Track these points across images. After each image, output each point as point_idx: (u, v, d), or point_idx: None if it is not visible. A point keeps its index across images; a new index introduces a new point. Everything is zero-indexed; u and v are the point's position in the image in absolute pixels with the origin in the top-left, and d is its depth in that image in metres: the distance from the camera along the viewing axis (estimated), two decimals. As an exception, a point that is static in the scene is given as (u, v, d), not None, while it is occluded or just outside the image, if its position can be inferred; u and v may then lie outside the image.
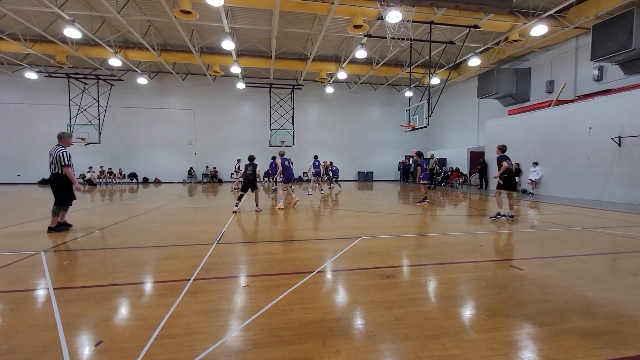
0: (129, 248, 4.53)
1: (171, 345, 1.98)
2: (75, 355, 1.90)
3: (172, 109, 22.05)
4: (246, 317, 2.35)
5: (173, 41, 16.38)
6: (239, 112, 22.87)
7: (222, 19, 12.22)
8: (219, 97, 22.36)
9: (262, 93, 22.05)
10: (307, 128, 23.57)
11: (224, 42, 14.01)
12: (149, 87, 21.22)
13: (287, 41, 16.16)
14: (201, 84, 21.97)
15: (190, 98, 22.10)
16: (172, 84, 21.67)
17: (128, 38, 15.82)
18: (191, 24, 14.08)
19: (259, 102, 22.62)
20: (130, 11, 12.52)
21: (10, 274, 3.37)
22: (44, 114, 20.27)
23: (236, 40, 15.18)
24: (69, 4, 11.83)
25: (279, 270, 3.49)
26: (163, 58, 16.76)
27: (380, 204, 10.20)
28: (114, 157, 21.13)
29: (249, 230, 5.85)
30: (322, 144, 24.02)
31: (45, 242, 4.76)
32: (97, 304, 2.64)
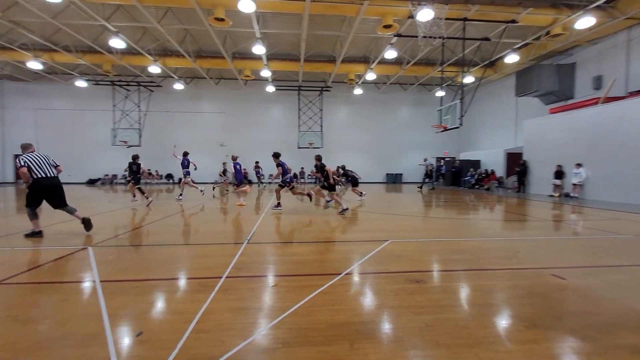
0: (165, 245, 4.77)
1: (205, 340, 2.07)
2: (118, 344, 2.04)
3: (205, 113, 23.00)
4: (275, 316, 2.40)
5: (207, 48, 17.09)
6: (268, 115, 23.40)
7: (254, 24, 12.58)
8: (249, 100, 23.00)
9: (291, 95, 22.39)
10: (335, 129, 23.61)
11: (255, 47, 14.40)
12: (184, 92, 22.30)
13: (315, 44, 16.31)
14: (233, 88, 22.73)
15: (222, 102, 22.94)
16: (205, 88, 22.62)
17: (166, 46, 16.72)
18: (224, 31, 14.62)
19: (287, 105, 23.00)
20: (168, 21, 13.24)
21: (62, 267, 3.68)
22: (91, 119, 21.93)
23: (266, 45, 15.55)
24: (115, 16, 12.74)
25: (307, 271, 3.52)
26: (198, 64, 17.54)
27: (409, 206, 9.97)
28: (152, 159, 22.37)
29: (278, 231, 5.95)
30: (350, 146, 23.96)
31: (92, 238, 5.15)
32: (137, 297, 2.81)
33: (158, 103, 22.26)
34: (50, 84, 21.83)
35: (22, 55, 16.40)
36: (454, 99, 13.99)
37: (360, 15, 11.73)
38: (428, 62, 18.59)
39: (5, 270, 3.52)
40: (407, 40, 15.12)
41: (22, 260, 3.91)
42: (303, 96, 21.95)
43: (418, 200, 12.06)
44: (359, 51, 17.52)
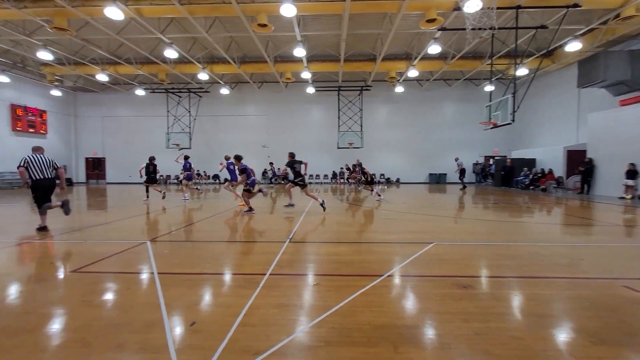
0: (213, 242, 5.06)
1: (251, 333, 2.16)
2: (174, 332, 2.20)
3: (249, 116, 23.96)
4: (317, 315, 2.43)
5: (251, 53, 17.78)
6: (309, 116, 23.74)
7: (294, 28, 12.85)
8: (290, 102, 23.52)
9: (331, 96, 22.48)
10: (376, 129, 23.26)
11: (295, 50, 14.70)
12: (230, 97, 23.44)
13: (355, 43, 16.21)
14: (274, 91, 23.40)
15: (264, 105, 23.73)
16: (249, 92, 23.57)
17: (214, 54, 17.69)
18: (267, 36, 15.10)
19: (327, 105, 23.14)
20: (216, 30, 14.01)
21: (125, 259, 4.07)
22: (148, 124, 23.94)
23: (307, 47, 15.78)
24: (169, 29, 13.78)
25: (348, 271, 3.51)
26: (242, 70, 18.33)
27: (454, 207, 9.50)
28: (201, 160, 23.80)
29: (319, 231, 6.01)
30: (391, 145, 23.45)
31: (150, 233, 5.62)
32: (189, 289, 3.02)
33: (206, 108, 23.65)
34: (114, 93, 24.21)
35: (92, 69, 18.39)
36: (505, 93, 13.06)
37: (401, 11, 11.43)
38: (475, 55, 17.57)
39: (80, 260, 3.97)
40: (452, 33, 14.42)
41: (93, 252, 4.38)
42: (343, 96, 21.93)
43: (463, 201, 11.44)
44: (400, 48, 17.09)
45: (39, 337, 2.19)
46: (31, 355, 1.95)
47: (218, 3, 11.35)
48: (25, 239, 5.26)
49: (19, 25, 13.77)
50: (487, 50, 15.98)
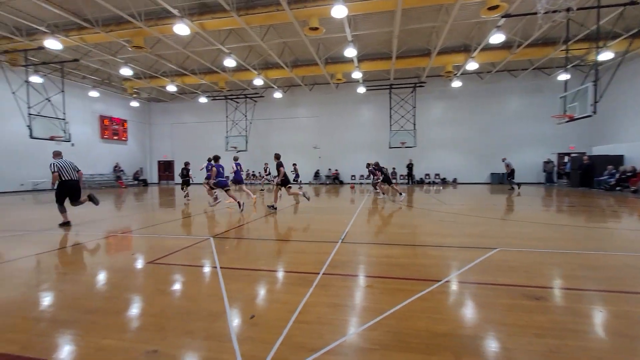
0: (268, 240, 5.28)
1: (306, 331, 2.21)
2: (235, 323, 2.35)
3: (301, 118, 24.57)
4: (371, 317, 2.39)
5: (303, 57, 18.23)
6: (359, 116, 23.56)
7: (345, 28, 12.86)
8: (341, 103, 23.59)
9: (382, 95, 22.04)
10: (430, 127, 22.23)
11: (346, 51, 14.70)
12: (282, 100, 24.31)
13: (408, 39, 15.68)
14: (325, 92, 23.68)
15: (315, 106, 24.14)
16: (300, 95, 24.18)
17: (268, 60, 18.50)
18: (318, 39, 15.35)
19: (378, 105, 22.74)
20: (270, 37, 14.64)
21: (192, 253, 4.44)
22: (210, 129, 25.87)
23: (357, 46, 15.69)
24: (227, 40, 14.75)
25: (403, 274, 3.41)
26: (294, 73, 18.88)
27: (521, 210, 8.65)
28: (256, 162, 25.04)
29: (372, 232, 5.93)
30: (447, 143, 22.21)
31: (213, 230, 6.07)
32: (248, 284, 3.19)
33: (261, 112, 24.83)
34: (181, 102, 26.64)
35: (163, 81, 20.47)
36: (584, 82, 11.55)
37: (459, 1, 10.76)
38: (546, 41, 15.81)
39: (155, 253, 4.44)
40: (518, 19, 13.17)
41: (164, 246, 4.86)
42: (395, 94, 21.33)
43: (532, 203, 10.36)
44: (457, 40, 16.11)
45: (124, 319, 2.49)
46: (120, 333, 2.23)
47: (272, 11, 11.85)
48: (111, 232, 6.04)
49: (106, 47, 15.87)
50: (561, 35, 14.31)
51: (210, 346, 2.04)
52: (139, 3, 11.89)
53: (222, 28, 13.27)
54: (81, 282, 3.36)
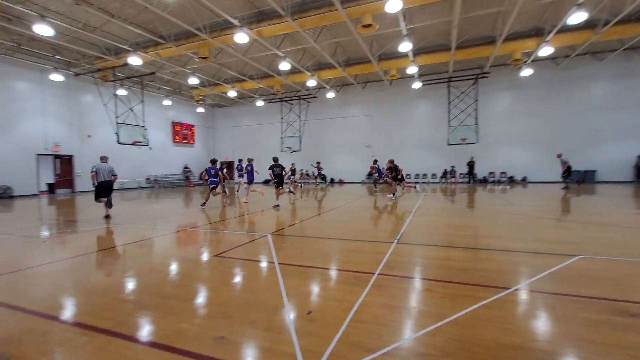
0: (322, 238, 5.35)
1: (363, 330, 2.20)
2: (293, 317, 2.43)
3: (353, 117, 24.45)
4: (431, 322, 2.29)
5: (355, 55, 18.12)
6: (414, 113, 22.65)
7: (400, 22, 12.46)
8: (395, 99, 22.92)
9: (439, 89, 20.89)
10: (494, 121, 20.47)
11: (401, 45, 14.24)
12: (335, 100, 24.44)
13: (469, 27, 14.62)
14: (378, 90, 23.23)
15: (368, 104, 23.81)
16: (353, 94, 24.06)
17: (320, 61, 18.76)
18: (371, 36, 15.11)
19: (435, 100, 21.61)
20: (322, 38, 14.82)
21: (252, 248, 4.71)
22: (266, 130, 27.09)
23: (413, 40, 15.07)
24: (283, 44, 15.30)
25: (466, 279, 3.20)
26: (347, 72, 18.85)
27: (608, 212, 7.51)
28: (309, 161, 25.57)
29: (429, 233, 5.67)
30: (515, 138, 20.22)
31: (270, 227, 6.35)
32: (304, 281, 3.28)
33: (314, 112, 25.28)
34: (240, 106, 28.35)
35: (225, 88, 21.99)
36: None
37: (529, -19, 9.71)
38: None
39: (219, 247, 4.79)
40: (604, -6, 11.44)
41: (228, 241, 5.23)
42: (454, 87, 20.04)
43: (621, 204, 8.91)
44: (528, 24, 14.56)
45: (195, 306, 2.74)
46: (192, 319, 2.46)
47: (325, 12, 11.97)
48: (181, 227, 6.67)
49: (176, 59, 17.56)
50: (662, 7, 12.12)
51: (271, 337, 2.15)
52: (204, 17, 12.92)
53: (277, 33, 13.78)
54: (158, 271, 3.78)
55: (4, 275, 3.66)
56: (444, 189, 16.84)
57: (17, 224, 7.44)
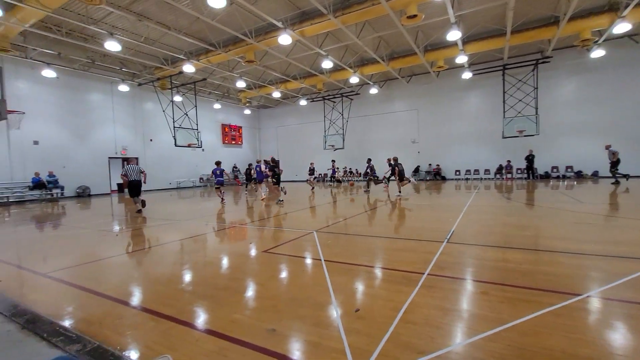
0: (368, 236, 5.29)
1: (414, 331, 2.14)
2: (341, 314, 2.44)
3: (397, 112, 23.77)
4: (488, 327, 2.15)
5: (399, 48, 17.58)
6: (464, 105, 21.33)
7: (448, 9, 11.82)
8: (442, 92, 21.82)
9: (492, 78, 19.44)
10: (558, 110, 18.54)
11: (449, 34, 13.49)
12: (378, 96, 23.95)
13: (527, 8, 13.38)
14: (424, 83, 22.29)
15: (413, 99, 22.97)
16: (397, 88, 23.38)
17: (363, 56, 18.50)
18: (416, 27, 14.54)
19: (488, 90, 20.17)
20: (365, 33, 14.60)
21: (298, 245, 4.81)
22: (309, 129, 27.45)
23: (462, 28, 14.20)
24: (325, 42, 15.36)
25: (527, 283, 2.94)
26: (391, 66, 18.37)
27: None
28: (353, 159, 25.40)
29: (484, 232, 5.32)
30: (582, 128, 18.11)
31: (315, 225, 6.43)
32: (351, 278, 3.27)
33: (357, 109, 25.04)
34: (284, 106, 29.06)
35: (269, 89, 22.71)
36: None
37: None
38: None
39: (267, 243, 4.97)
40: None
41: (276, 237, 5.40)
42: (509, 75, 18.50)
43: None
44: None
45: (247, 299, 2.88)
46: (245, 311, 2.59)
47: (367, 7, 11.76)
48: (232, 223, 7.03)
49: (225, 65, 18.52)
50: None
51: (320, 332, 2.18)
52: (249, 22, 13.44)
53: (319, 32, 13.86)
54: (211, 264, 4.03)
55: (86, 265, 4.17)
56: (498, 185, 15.68)
57: (93, 220, 8.44)
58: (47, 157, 15.99)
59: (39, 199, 15.06)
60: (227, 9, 11.93)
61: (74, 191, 16.99)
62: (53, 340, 2.14)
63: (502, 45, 15.85)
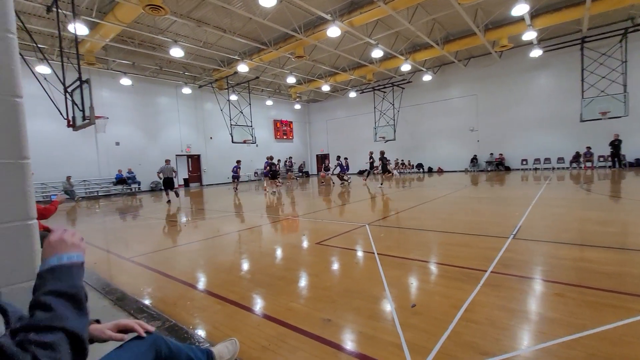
0: (424, 230, 5.09)
1: (476, 331, 2.02)
2: (399, 309, 2.40)
3: (453, 99, 22.28)
4: (565, 332, 1.94)
5: (455, 29, 16.41)
6: (532, 86, 19.19)
7: (511, -18, 10.68)
8: (505, 74, 19.89)
9: (568, 54, 17.17)
10: (653, 86, 15.77)
11: (514, 9, 12.20)
12: (432, 83, 22.68)
13: (612, -30, 11.51)
14: (484, 65, 20.53)
15: (471, 83, 21.32)
16: (453, 73, 21.89)
17: (415, 42, 17.64)
18: (474, 5, 13.41)
19: (561, 68, 17.89)
20: (417, 17, 13.87)
21: (351, 238, 4.82)
22: (359, 121, 27.10)
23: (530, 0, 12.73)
24: (374, 31, 14.94)
25: (613, 286, 2.59)
26: (446, 50, 17.24)
27: None
28: (404, 150, 24.56)
29: (556, 227, 4.79)
30: (689, 106, 15.19)
31: (368, 218, 6.38)
32: (406, 273, 3.19)
33: (409, 98, 24.05)
34: (333, 99, 29.04)
35: (319, 83, 22.86)
36: None
37: None
38: None
39: (320, 235, 5.06)
40: None
41: (328, 230, 5.47)
42: (589, 50, 16.15)
43: None
44: None
45: (303, 288, 2.97)
46: (301, 300, 2.69)
47: (419, -12, 11.15)
48: (285, 216, 7.29)
49: (276, 62, 19.07)
50: None
51: (375, 325, 2.17)
52: (298, 17, 13.62)
53: (369, 21, 13.50)
54: (268, 254, 4.23)
55: (160, 251, 4.67)
56: (575, 175, 13.94)
57: (164, 212, 9.38)
58: (127, 156, 18.13)
59: (121, 193, 17.20)
60: (277, 7, 12.20)
61: (148, 186, 19.06)
62: (139, 316, 2.44)
63: (580, 16, 13.88)
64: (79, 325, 0.74)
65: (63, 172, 15.21)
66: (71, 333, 0.71)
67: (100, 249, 5.04)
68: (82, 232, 4.18)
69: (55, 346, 0.67)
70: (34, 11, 11.85)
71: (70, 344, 0.71)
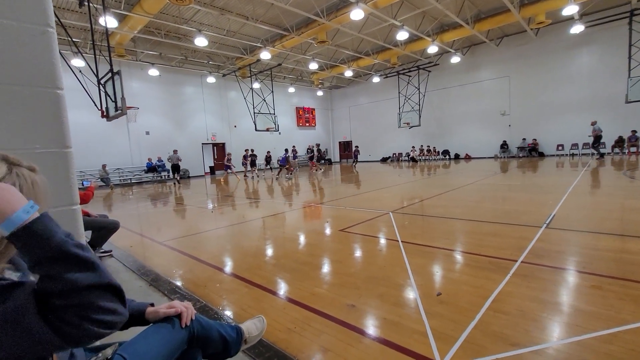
0: (450, 218, 4.97)
1: (505, 321, 1.97)
2: (424, 297, 2.38)
3: (484, 81, 21.18)
4: (603, 326, 1.85)
5: (487, 7, 15.45)
6: (571, 66, 17.84)
7: (551, -48, 9.82)
8: (541, 53, 18.58)
9: (614, 30, 15.75)
10: None
11: (552, -18, 11.28)
12: (460, 65, 21.63)
13: None
14: (518, 44, 19.27)
15: (503, 65, 20.12)
16: (484, 54, 20.74)
17: (443, 22, 16.80)
18: (508, -21, 12.51)
19: (605, 45, 16.46)
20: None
21: (375, 225, 4.79)
22: (383, 107, 26.50)
23: (571, -29, 11.70)
24: (400, 12, 14.37)
25: (657, 279, 2.43)
26: (477, 29, 16.30)
27: None
28: (430, 136, 23.84)
29: (595, 217, 4.52)
30: None
31: (391, 205, 6.31)
32: (431, 261, 3.15)
33: (435, 82, 23.12)
34: (356, 85, 28.47)
35: (341, 68, 22.44)
36: None
37: None
38: None
39: (344, 222, 5.07)
40: None
41: (351, 217, 5.47)
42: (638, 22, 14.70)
43: None
44: None
45: (327, 274, 3.01)
46: (325, 285, 2.73)
47: (448, -36, 10.52)
48: (308, 202, 7.35)
49: (298, 48, 18.88)
50: None
51: (400, 312, 2.17)
52: (320, 1, 13.32)
53: (394, 1, 12.97)
54: (292, 240, 4.31)
55: (191, 236, 4.87)
56: (617, 161, 13.01)
57: (192, 198, 9.74)
58: (156, 145, 18.85)
59: (152, 180, 18.00)
60: (299, -9, 11.98)
61: (178, 173, 19.81)
62: (172, 297, 2.59)
63: (629, -15, 12.62)
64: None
65: (99, 161, 16.08)
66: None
67: (135, 232, 5.34)
68: (118, 217, 4.43)
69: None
70: (67, 6, 12.36)
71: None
